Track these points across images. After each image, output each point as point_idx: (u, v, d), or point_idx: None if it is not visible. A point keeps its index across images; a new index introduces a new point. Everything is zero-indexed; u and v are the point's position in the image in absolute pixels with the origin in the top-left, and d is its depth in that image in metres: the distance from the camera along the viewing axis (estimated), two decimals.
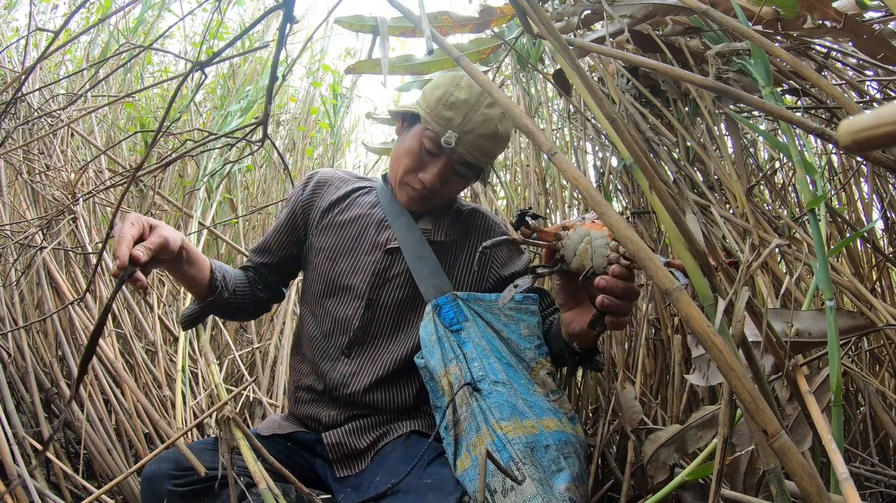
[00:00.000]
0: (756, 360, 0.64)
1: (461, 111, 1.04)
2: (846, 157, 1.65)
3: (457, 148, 1.04)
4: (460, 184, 1.13)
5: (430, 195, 1.10)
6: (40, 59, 1.13)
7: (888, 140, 0.23)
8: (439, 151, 1.06)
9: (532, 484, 0.83)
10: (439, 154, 1.07)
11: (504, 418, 0.90)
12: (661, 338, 1.62)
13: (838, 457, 0.60)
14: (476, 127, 1.04)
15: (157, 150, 2.66)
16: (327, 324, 1.14)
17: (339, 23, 1.33)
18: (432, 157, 1.07)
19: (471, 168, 1.10)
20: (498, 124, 1.07)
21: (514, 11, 1.31)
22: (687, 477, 0.85)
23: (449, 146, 1.04)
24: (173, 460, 0.98)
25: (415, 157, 1.08)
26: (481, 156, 1.07)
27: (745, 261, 0.67)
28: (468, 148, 1.05)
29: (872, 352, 1.49)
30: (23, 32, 2.70)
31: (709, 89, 0.76)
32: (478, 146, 1.06)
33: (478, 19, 1.51)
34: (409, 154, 1.09)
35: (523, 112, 0.57)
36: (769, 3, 1.12)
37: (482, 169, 1.13)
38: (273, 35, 3.02)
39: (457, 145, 1.04)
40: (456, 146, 1.04)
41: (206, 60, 0.84)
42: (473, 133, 1.04)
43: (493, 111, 1.06)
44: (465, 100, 1.04)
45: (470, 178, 1.13)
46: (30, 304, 1.80)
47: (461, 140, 1.04)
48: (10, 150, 1.86)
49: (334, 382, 1.10)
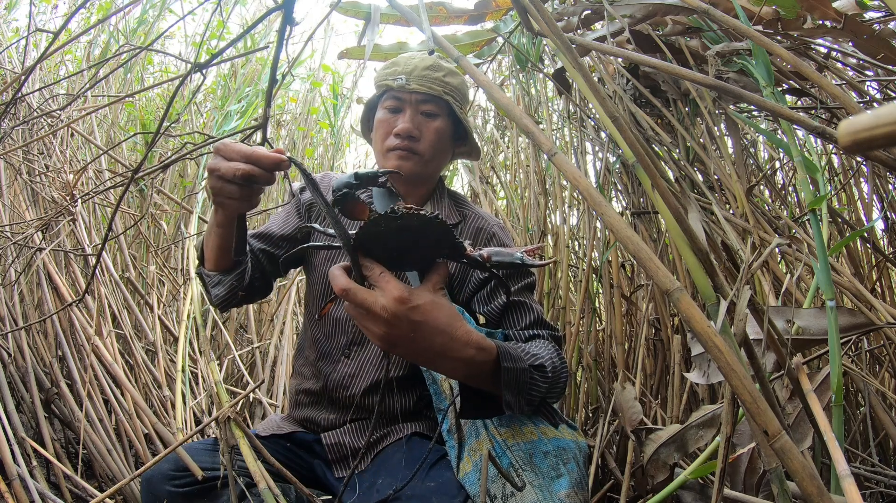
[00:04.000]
0: (758, 359, 0.64)
1: (401, 61, 1.18)
2: (846, 157, 1.65)
3: (409, 86, 1.13)
4: (435, 125, 1.16)
5: (412, 146, 1.14)
6: (40, 59, 1.12)
7: (888, 140, 0.23)
8: (400, 104, 1.15)
9: (532, 490, 0.83)
10: (402, 106, 1.15)
11: (502, 425, 0.91)
12: (661, 339, 1.62)
13: (839, 453, 0.60)
14: (418, 63, 1.15)
15: (157, 149, 2.66)
16: (328, 324, 1.14)
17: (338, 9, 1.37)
18: (397, 112, 1.16)
19: (435, 103, 1.15)
20: (437, 59, 1.18)
21: (511, 5, 1.30)
22: (689, 476, 0.85)
23: (401, 86, 1.13)
24: (172, 460, 0.98)
25: (385, 123, 1.15)
26: (435, 84, 1.14)
27: (746, 261, 0.67)
28: (419, 81, 1.14)
29: (872, 353, 1.49)
30: (23, 33, 2.70)
31: (710, 88, 0.76)
32: (426, 77, 1.15)
33: (473, 11, 1.54)
34: (380, 125, 1.17)
35: (523, 112, 0.57)
36: (769, 3, 1.12)
37: (447, 103, 1.16)
38: (273, 35, 3.03)
39: (408, 83, 1.13)
40: (407, 84, 1.13)
41: (205, 62, 0.84)
42: (417, 69, 1.14)
43: (431, 56, 1.18)
44: (402, 55, 1.20)
45: (440, 114, 1.17)
46: (30, 305, 1.80)
47: (410, 77, 1.13)
48: (9, 151, 1.86)
49: (334, 383, 1.10)
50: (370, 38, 0.76)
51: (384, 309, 0.65)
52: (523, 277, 1.10)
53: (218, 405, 1.27)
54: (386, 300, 0.66)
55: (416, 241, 0.66)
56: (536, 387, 0.83)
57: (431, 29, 0.66)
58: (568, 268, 1.83)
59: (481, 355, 0.74)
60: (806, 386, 0.74)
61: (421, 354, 0.71)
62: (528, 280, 1.10)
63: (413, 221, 0.62)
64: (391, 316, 0.65)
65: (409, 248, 0.67)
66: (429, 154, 1.15)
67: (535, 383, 0.83)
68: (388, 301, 0.66)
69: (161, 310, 1.97)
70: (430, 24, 0.69)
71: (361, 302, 0.66)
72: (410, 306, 0.66)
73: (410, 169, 1.14)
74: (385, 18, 1.41)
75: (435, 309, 0.69)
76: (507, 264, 0.71)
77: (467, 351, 0.72)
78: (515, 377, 0.78)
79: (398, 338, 0.68)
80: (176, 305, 2.14)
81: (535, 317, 1.05)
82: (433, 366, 0.76)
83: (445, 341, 0.70)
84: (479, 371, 0.75)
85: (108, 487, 1.52)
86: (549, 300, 1.87)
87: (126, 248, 2.21)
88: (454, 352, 0.71)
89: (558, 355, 0.94)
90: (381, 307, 0.65)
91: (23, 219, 1.87)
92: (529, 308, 1.06)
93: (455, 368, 0.74)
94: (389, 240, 0.65)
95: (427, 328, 0.68)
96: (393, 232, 0.64)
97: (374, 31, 0.77)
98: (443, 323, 0.70)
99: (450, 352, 0.71)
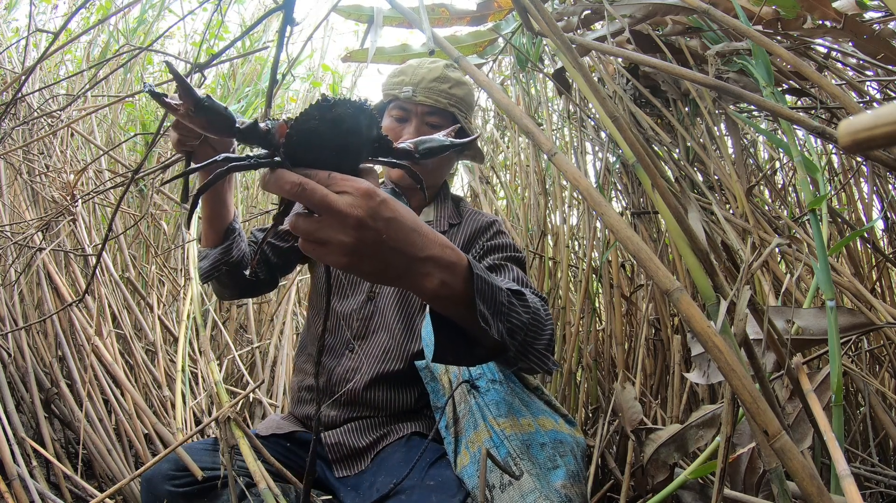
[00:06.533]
0: (758, 359, 0.64)
1: (408, 70, 1.18)
2: (846, 157, 1.65)
3: (415, 97, 1.14)
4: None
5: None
6: (40, 59, 1.13)
7: (888, 140, 0.23)
8: (406, 114, 1.16)
9: (530, 478, 0.85)
10: (408, 116, 1.16)
11: (501, 415, 0.93)
12: (661, 339, 1.62)
13: (839, 453, 0.60)
14: (425, 74, 1.16)
15: (157, 149, 2.66)
16: (332, 319, 1.16)
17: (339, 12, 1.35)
18: (403, 122, 1.17)
19: (441, 115, 1.16)
20: (444, 70, 1.18)
21: (513, 5, 1.31)
22: (689, 476, 0.85)
23: (408, 97, 1.14)
24: (172, 460, 0.98)
25: (391, 131, 1.16)
26: (441, 97, 1.15)
27: (746, 261, 0.67)
28: (426, 93, 1.14)
29: (872, 353, 1.49)
30: (23, 33, 2.70)
31: (710, 88, 0.76)
32: (432, 89, 1.15)
33: (475, 12, 1.54)
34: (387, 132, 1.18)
35: (523, 112, 0.57)
36: (769, 3, 1.12)
37: (453, 115, 1.17)
38: (273, 35, 3.03)
39: (415, 95, 1.14)
40: (414, 96, 1.14)
41: (205, 62, 0.84)
42: (425, 80, 1.15)
43: (438, 63, 1.18)
44: (410, 64, 1.20)
45: (445, 126, 1.17)
46: (30, 305, 1.80)
47: (417, 89, 1.14)
48: (10, 151, 1.86)
49: (337, 377, 1.11)
50: (373, 41, 0.76)
51: (352, 206, 0.53)
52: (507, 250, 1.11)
53: (218, 405, 1.27)
54: (352, 197, 0.53)
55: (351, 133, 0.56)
56: (516, 314, 0.72)
57: (432, 30, 0.66)
58: (568, 268, 1.83)
59: (451, 254, 0.62)
60: (806, 386, 0.74)
61: (392, 262, 0.57)
62: (513, 253, 1.11)
63: (348, 108, 0.54)
64: (363, 213, 0.53)
65: (344, 145, 0.56)
66: (431, 164, 1.17)
67: (514, 308, 0.72)
68: (356, 197, 0.53)
69: (161, 311, 1.97)
70: (432, 25, 0.69)
71: (321, 200, 0.52)
72: (380, 199, 0.54)
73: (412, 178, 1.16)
74: (388, 21, 1.41)
75: (397, 202, 0.57)
76: (436, 149, 0.64)
77: (437, 248, 0.60)
78: (491, 291, 0.67)
79: (368, 244, 0.55)
80: (176, 305, 2.14)
81: (516, 276, 1.03)
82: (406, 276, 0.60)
83: (417, 239, 0.58)
84: (451, 276, 0.62)
85: (108, 487, 1.52)
86: (549, 300, 1.87)
87: (126, 248, 2.21)
88: (426, 251, 0.59)
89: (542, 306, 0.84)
90: (347, 205, 0.53)
91: (23, 219, 1.87)
92: (510, 269, 1.04)
93: (429, 274, 0.60)
94: (324, 137, 0.54)
95: (398, 224, 0.56)
96: (329, 125, 0.53)
97: (377, 34, 0.78)
98: (410, 217, 0.58)
99: (422, 251, 0.59)
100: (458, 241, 1.17)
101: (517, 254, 1.11)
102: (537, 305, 0.80)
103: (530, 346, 0.76)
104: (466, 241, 1.16)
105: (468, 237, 1.16)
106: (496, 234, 1.16)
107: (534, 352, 0.77)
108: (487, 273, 0.68)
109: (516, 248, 1.13)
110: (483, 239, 1.15)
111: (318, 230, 0.54)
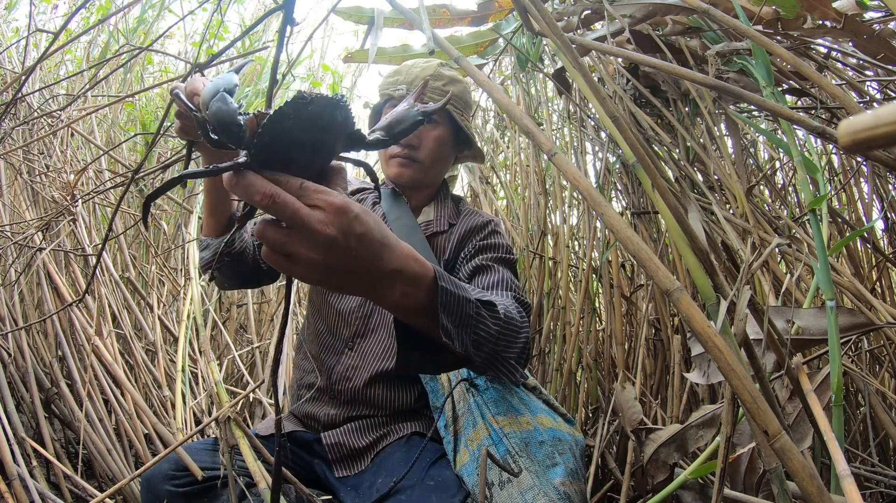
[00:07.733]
0: (758, 359, 0.64)
1: (403, 70, 1.20)
2: (846, 157, 1.65)
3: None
4: (435, 133, 1.18)
5: (412, 154, 1.16)
6: (40, 59, 1.13)
7: (888, 140, 0.23)
8: None
9: (529, 476, 0.85)
10: None
11: (500, 413, 0.94)
12: (661, 339, 1.62)
13: (839, 453, 0.60)
14: (419, 73, 1.17)
15: (157, 149, 2.66)
16: (332, 318, 1.16)
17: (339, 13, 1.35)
18: None
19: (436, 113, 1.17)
20: (438, 68, 1.19)
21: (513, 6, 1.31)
22: (689, 476, 0.85)
23: (402, 96, 1.15)
24: (172, 460, 0.98)
25: None
26: (435, 94, 1.16)
27: (746, 261, 0.67)
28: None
29: (872, 353, 1.49)
30: (23, 33, 2.70)
31: (710, 88, 0.76)
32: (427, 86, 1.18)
33: (476, 13, 1.54)
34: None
35: (523, 112, 0.57)
36: (769, 3, 1.12)
37: (448, 112, 1.17)
38: (273, 35, 3.03)
39: (408, 93, 1.14)
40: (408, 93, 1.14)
41: (205, 62, 0.84)
42: (418, 79, 1.16)
43: (433, 62, 1.20)
44: (405, 63, 1.22)
45: (440, 123, 1.18)
46: (30, 305, 1.80)
47: (411, 87, 1.16)
48: (10, 151, 1.86)
49: (338, 376, 1.11)
50: (374, 42, 0.76)
51: (324, 223, 0.51)
52: (498, 251, 1.11)
53: (218, 405, 1.27)
54: (325, 213, 0.51)
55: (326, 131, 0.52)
56: (484, 326, 0.71)
57: (432, 30, 0.66)
58: (568, 268, 1.83)
59: (416, 266, 0.61)
60: (806, 386, 0.74)
61: (360, 277, 0.56)
62: (504, 255, 1.11)
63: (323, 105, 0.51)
64: (335, 231, 0.51)
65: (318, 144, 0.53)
66: (428, 161, 1.18)
67: (482, 320, 0.71)
68: (328, 213, 0.51)
69: (161, 311, 1.97)
70: (433, 26, 0.69)
71: (292, 215, 0.50)
72: (353, 215, 0.52)
73: (411, 176, 1.17)
74: (388, 22, 1.41)
75: (368, 215, 0.55)
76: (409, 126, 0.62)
77: (403, 261, 0.59)
78: (457, 302, 0.65)
79: (337, 261, 0.53)
80: (176, 305, 2.14)
81: (500, 278, 1.02)
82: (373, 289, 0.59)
83: (385, 253, 0.57)
84: (414, 289, 0.61)
85: (108, 487, 1.52)
86: (549, 300, 1.87)
87: (126, 248, 2.21)
88: (393, 263, 0.58)
89: (518, 311, 0.85)
90: (319, 222, 0.50)
91: (23, 219, 1.87)
92: (496, 271, 1.05)
93: (392, 286, 0.59)
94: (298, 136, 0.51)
95: (368, 239, 0.54)
96: (305, 123, 0.50)
97: (378, 35, 0.78)
98: (380, 231, 0.56)
99: (389, 264, 0.57)
100: (452, 240, 1.17)
101: (508, 256, 1.11)
102: (511, 314, 0.80)
103: (499, 356, 0.76)
104: (459, 240, 1.16)
105: (461, 236, 1.16)
106: (490, 234, 1.16)
107: (502, 363, 0.77)
108: (456, 284, 0.67)
109: (508, 250, 1.13)
110: (476, 238, 1.15)
111: (287, 244, 0.52)
